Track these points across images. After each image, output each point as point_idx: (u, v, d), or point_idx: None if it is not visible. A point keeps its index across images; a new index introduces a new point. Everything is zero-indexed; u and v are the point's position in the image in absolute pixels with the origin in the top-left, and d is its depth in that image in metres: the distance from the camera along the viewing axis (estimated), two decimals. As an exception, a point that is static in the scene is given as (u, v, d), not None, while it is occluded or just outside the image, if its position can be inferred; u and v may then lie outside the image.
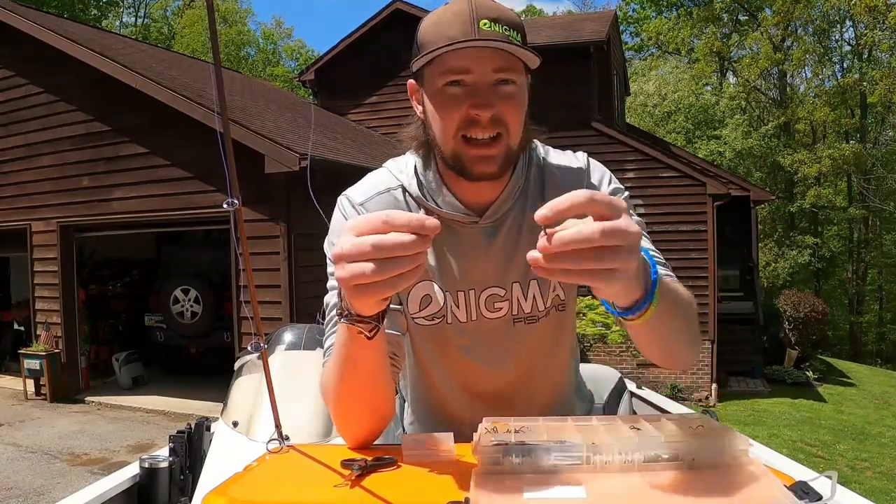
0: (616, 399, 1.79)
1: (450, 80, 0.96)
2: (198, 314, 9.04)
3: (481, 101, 0.94)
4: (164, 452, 2.14)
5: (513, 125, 0.98)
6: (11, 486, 5.35)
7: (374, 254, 0.67)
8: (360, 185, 1.13)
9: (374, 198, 1.09)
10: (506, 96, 0.96)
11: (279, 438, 1.01)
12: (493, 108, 0.95)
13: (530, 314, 1.12)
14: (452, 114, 0.96)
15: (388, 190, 1.10)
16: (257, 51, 31.17)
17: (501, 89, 0.96)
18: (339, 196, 1.12)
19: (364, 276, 0.68)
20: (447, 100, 0.97)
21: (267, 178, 6.66)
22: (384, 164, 1.16)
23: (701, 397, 9.92)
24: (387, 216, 0.69)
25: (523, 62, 0.98)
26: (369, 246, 0.68)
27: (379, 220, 0.69)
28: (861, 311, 22.85)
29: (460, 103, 0.96)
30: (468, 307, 1.11)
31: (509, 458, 0.70)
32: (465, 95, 0.96)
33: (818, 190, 20.78)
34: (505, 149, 0.98)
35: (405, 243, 0.68)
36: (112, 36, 12.13)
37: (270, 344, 2.36)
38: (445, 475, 0.80)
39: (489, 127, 0.96)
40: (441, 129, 0.99)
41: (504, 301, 1.11)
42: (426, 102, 1.01)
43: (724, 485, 0.67)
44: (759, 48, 22.00)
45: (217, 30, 0.97)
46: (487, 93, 0.95)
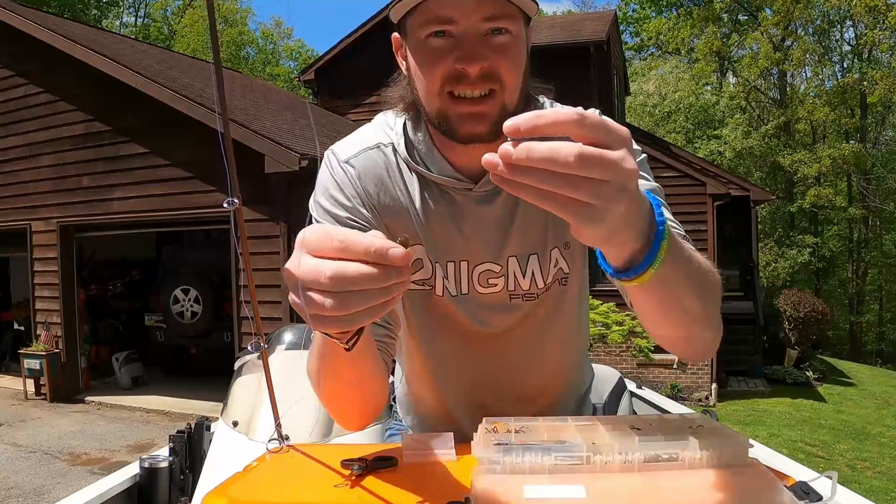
0: (616, 399, 1.79)
1: (433, 30, 0.85)
2: (198, 314, 9.04)
3: (468, 53, 0.83)
4: (164, 452, 2.14)
5: (508, 80, 0.86)
6: (11, 486, 5.35)
7: (332, 286, 0.55)
8: (350, 138, 1.03)
9: (360, 154, 0.99)
10: (499, 48, 0.85)
11: (279, 438, 1.01)
12: (484, 61, 0.84)
13: (529, 291, 1.03)
14: (436, 68, 0.85)
15: (377, 146, 1.00)
16: (257, 51, 31.17)
17: (493, 40, 0.85)
18: (327, 150, 1.02)
19: (322, 309, 0.56)
20: (430, 53, 0.86)
21: (267, 178, 6.67)
22: (378, 116, 1.05)
23: (701, 397, 9.92)
24: (343, 240, 0.56)
25: (520, 8, 0.88)
26: (328, 278, 0.55)
27: (335, 242, 0.56)
28: (861, 311, 22.84)
29: (445, 56, 0.85)
30: (459, 280, 1.02)
31: (509, 457, 0.70)
32: (450, 47, 0.85)
33: (818, 190, 20.78)
34: (499, 107, 0.86)
35: (371, 275, 0.55)
36: (112, 36, 12.14)
37: (270, 344, 2.36)
38: (445, 475, 0.80)
39: (479, 83, 0.85)
40: (424, 85, 0.89)
41: (499, 277, 1.02)
42: (409, 57, 0.91)
43: (724, 485, 0.67)
44: (759, 48, 22.00)
45: (217, 30, 0.97)
46: (476, 44, 0.84)
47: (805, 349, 11.92)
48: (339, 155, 0.99)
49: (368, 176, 0.98)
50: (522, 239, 0.99)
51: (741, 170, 20.86)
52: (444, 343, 1.08)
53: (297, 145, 7.09)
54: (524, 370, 1.10)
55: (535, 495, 0.65)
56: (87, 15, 23.15)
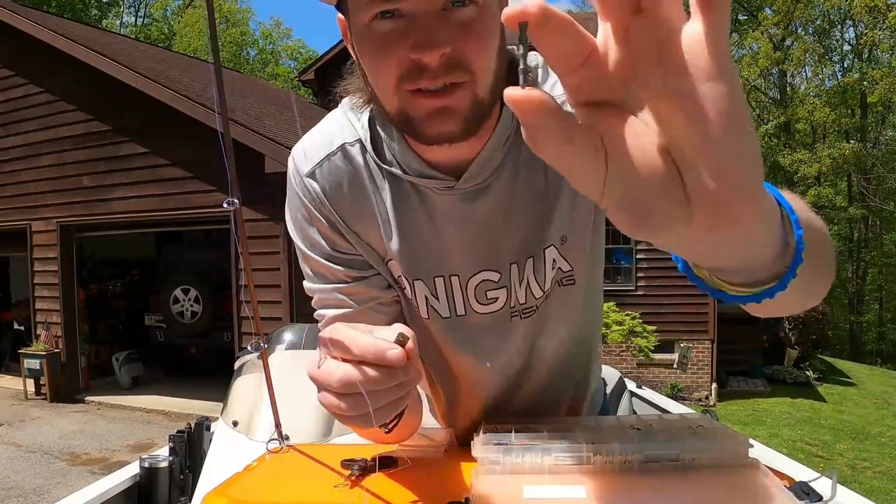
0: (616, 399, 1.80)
1: (378, 11, 0.67)
2: (198, 314, 9.04)
3: (424, 38, 0.65)
4: (164, 452, 2.14)
5: (479, 67, 0.68)
6: (11, 485, 5.34)
7: (342, 390, 0.57)
8: (312, 138, 0.87)
9: (323, 163, 0.84)
10: (462, 25, 0.66)
11: (279, 438, 1.01)
12: (444, 46, 0.66)
13: (526, 305, 0.88)
14: (388, 61, 0.68)
15: (341, 148, 0.84)
16: (258, 51, 31.18)
17: (455, 15, 0.66)
18: (290, 154, 0.89)
19: (340, 410, 0.58)
20: (378, 41, 0.68)
21: (267, 178, 6.66)
22: (342, 105, 0.87)
23: (701, 397, 9.92)
24: (344, 342, 0.57)
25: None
26: (335, 382, 0.57)
27: (339, 345, 0.57)
28: (861, 311, 22.86)
29: (397, 43, 0.67)
30: (452, 299, 0.87)
31: (509, 457, 0.70)
32: (402, 31, 0.67)
33: (818, 189, 20.79)
34: (470, 99, 0.69)
35: (375, 379, 0.56)
36: (112, 36, 12.14)
37: (270, 344, 2.36)
38: (445, 475, 0.80)
39: (442, 74, 0.67)
40: (377, 81, 0.71)
41: (499, 289, 0.87)
42: (355, 45, 0.73)
43: (724, 485, 0.67)
44: (759, 47, 22.01)
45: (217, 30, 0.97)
46: (432, 24, 0.66)
47: (805, 349, 11.91)
48: (300, 167, 0.85)
49: (334, 189, 0.85)
50: (519, 239, 0.85)
51: (741, 170, 20.84)
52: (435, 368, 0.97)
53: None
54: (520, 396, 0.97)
55: (535, 495, 0.65)
56: (87, 15, 23.15)
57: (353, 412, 0.57)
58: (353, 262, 0.87)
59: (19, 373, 8.55)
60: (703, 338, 10.12)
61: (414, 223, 0.85)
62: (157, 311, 9.41)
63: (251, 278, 1.03)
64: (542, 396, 0.97)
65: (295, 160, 0.86)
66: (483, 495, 0.65)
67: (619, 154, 0.34)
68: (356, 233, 0.86)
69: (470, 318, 0.88)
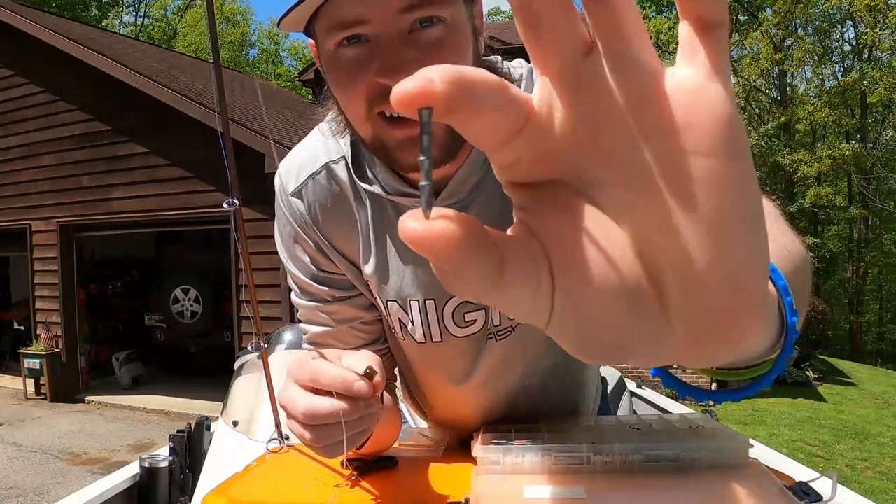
0: (616, 399, 1.80)
1: (342, 37, 0.66)
2: (198, 314, 9.04)
3: (390, 64, 0.63)
4: (164, 452, 2.14)
5: None
6: (11, 485, 5.34)
7: (307, 421, 0.59)
8: (295, 157, 0.87)
9: (308, 181, 0.84)
10: (430, 46, 0.64)
11: (279, 438, 1.01)
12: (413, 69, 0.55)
13: (501, 326, 0.85)
14: (355, 87, 0.66)
15: (325, 166, 0.83)
16: (260, 52, 31.19)
17: (421, 36, 0.64)
18: (277, 170, 0.88)
19: (305, 440, 0.61)
20: (345, 68, 0.67)
21: (267, 178, 6.66)
22: (321, 125, 0.86)
23: (701, 397, 9.91)
24: (312, 374, 0.59)
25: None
26: (301, 414, 0.59)
27: (307, 374, 0.60)
28: (861, 311, 22.85)
29: (363, 70, 0.65)
30: (427, 325, 0.85)
31: (509, 457, 0.70)
32: (368, 56, 0.65)
33: (818, 189, 20.78)
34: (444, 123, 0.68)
35: (340, 410, 0.58)
36: (112, 36, 12.13)
37: (270, 344, 2.36)
38: (445, 475, 0.80)
39: None
40: (348, 109, 0.71)
41: (479, 310, 0.83)
42: (324, 71, 0.72)
43: (724, 485, 0.67)
44: (760, 47, 22.01)
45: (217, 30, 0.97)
46: (398, 48, 0.64)
47: (805, 349, 11.91)
48: (286, 186, 0.85)
49: (319, 209, 0.84)
50: None
51: (741, 170, 20.86)
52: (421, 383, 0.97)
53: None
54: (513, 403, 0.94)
55: (535, 495, 0.65)
56: (87, 15, 23.14)
57: (318, 443, 0.60)
58: (336, 282, 0.87)
59: (19, 373, 8.54)
60: (703, 338, 10.11)
61: (391, 243, 0.82)
62: (157, 311, 9.41)
63: (251, 278, 1.03)
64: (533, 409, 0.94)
65: (282, 178, 0.86)
66: (483, 495, 0.65)
67: (569, 265, 0.24)
68: (340, 252, 0.85)
69: (445, 345, 0.86)
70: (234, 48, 28.23)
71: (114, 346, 9.54)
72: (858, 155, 20.27)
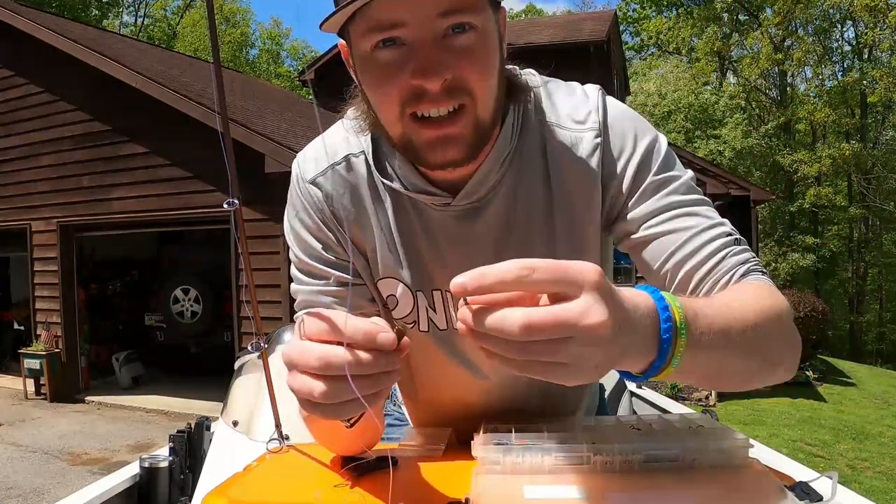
0: (616, 399, 1.80)
1: (379, 39, 0.69)
2: (198, 314, 9.04)
3: (425, 65, 0.67)
4: (164, 452, 2.14)
5: (479, 89, 0.70)
6: (11, 485, 5.34)
7: (321, 370, 0.53)
8: (315, 148, 0.90)
9: (327, 171, 0.87)
10: (462, 51, 0.68)
11: (279, 438, 1.01)
12: (446, 72, 0.68)
13: None
14: (390, 88, 0.70)
15: (345, 159, 0.87)
16: (259, 51, 31.19)
17: (455, 41, 0.68)
18: (294, 159, 0.92)
19: (311, 395, 0.54)
20: (380, 69, 0.70)
21: (267, 178, 6.67)
22: (344, 120, 0.90)
23: (701, 397, 9.92)
24: (335, 321, 0.54)
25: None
26: (316, 360, 0.53)
27: (322, 326, 0.55)
28: (861, 311, 22.86)
29: (399, 71, 0.69)
30: (447, 312, 0.88)
31: (509, 457, 0.70)
32: (403, 58, 0.69)
33: (818, 189, 20.79)
34: (473, 123, 0.72)
35: (360, 363, 0.53)
36: (112, 36, 12.14)
37: (270, 344, 2.35)
38: (445, 475, 0.80)
39: (444, 99, 0.69)
40: (381, 108, 0.74)
41: None
42: (358, 72, 0.76)
43: (724, 485, 0.67)
44: (761, 47, 22.02)
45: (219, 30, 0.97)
46: (433, 50, 0.68)
47: (805, 349, 11.87)
48: (305, 173, 0.88)
49: (337, 198, 0.87)
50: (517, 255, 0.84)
51: (741, 170, 20.88)
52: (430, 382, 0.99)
53: (298, 145, 7.09)
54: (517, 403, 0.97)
55: (535, 495, 0.65)
56: (87, 15, 23.14)
57: (329, 399, 0.53)
58: (342, 266, 0.88)
59: (19, 373, 8.54)
60: (703, 338, 10.10)
61: (412, 237, 0.85)
62: (157, 311, 9.41)
63: (251, 278, 1.03)
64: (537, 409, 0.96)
65: (300, 166, 0.89)
66: (483, 495, 0.65)
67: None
68: (352, 240, 0.87)
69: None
70: (233, 48, 28.24)
71: (114, 346, 9.54)
72: (858, 155, 20.28)
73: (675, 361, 0.56)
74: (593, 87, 0.86)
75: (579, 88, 0.86)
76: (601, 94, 0.85)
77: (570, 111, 0.83)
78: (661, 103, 22.25)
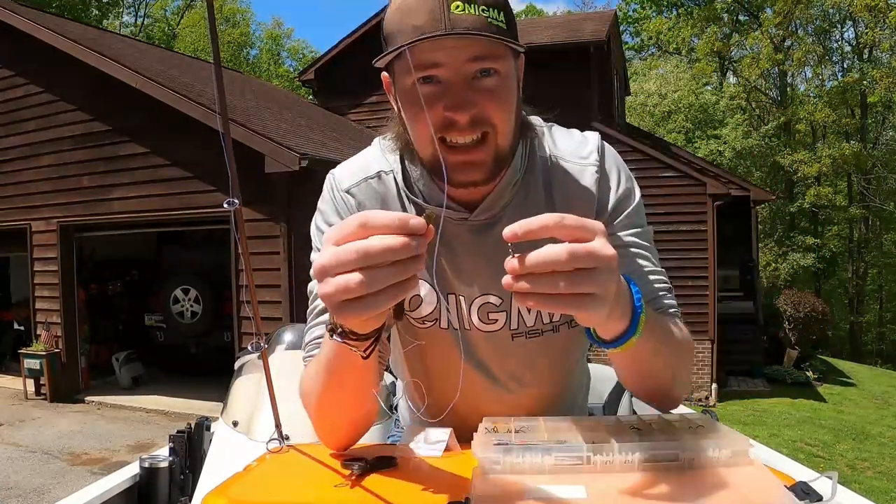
0: (616, 399, 1.80)
1: (419, 76, 0.82)
2: (198, 314, 9.03)
3: (457, 101, 0.82)
4: (164, 452, 2.13)
5: (500, 123, 0.85)
6: (11, 485, 5.35)
7: (359, 262, 0.58)
8: (350, 164, 1.03)
9: (361, 184, 0.99)
10: (488, 91, 0.83)
11: (279, 438, 1.01)
12: (473, 108, 0.82)
13: (533, 327, 1.01)
14: (426, 117, 0.82)
15: (377, 175, 0.99)
16: (260, 52, 31.18)
17: (482, 83, 0.83)
18: (329, 173, 1.03)
19: (349, 290, 0.59)
20: (419, 101, 0.82)
21: (267, 178, 6.67)
22: (377, 138, 1.05)
23: (701, 397, 9.92)
24: (364, 218, 0.60)
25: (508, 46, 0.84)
26: (353, 253, 0.58)
27: (355, 224, 0.60)
28: (861, 311, 22.86)
29: (434, 104, 0.83)
30: (459, 314, 1.00)
31: (509, 457, 0.70)
32: (439, 94, 0.83)
33: (818, 190, 20.78)
34: (493, 151, 0.86)
35: (395, 247, 0.58)
36: (112, 36, 12.14)
37: (270, 344, 2.36)
38: (446, 475, 0.80)
39: (469, 129, 0.84)
40: (416, 133, 0.88)
41: (500, 312, 0.99)
42: (399, 102, 0.90)
43: (724, 485, 0.67)
44: (761, 48, 22.01)
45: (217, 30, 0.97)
46: (463, 90, 0.82)
47: (805, 349, 11.91)
48: (340, 183, 1.00)
49: (369, 206, 0.98)
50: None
51: (741, 170, 20.88)
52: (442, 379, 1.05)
53: (297, 145, 7.09)
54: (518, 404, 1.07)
55: (536, 495, 0.65)
56: (87, 15, 23.14)
57: (367, 288, 0.59)
58: None
59: (19, 373, 8.54)
60: (703, 338, 10.11)
61: (431, 246, 0.89)
62: (157, 311, 9.40)
63: (251, 278, 1.03)
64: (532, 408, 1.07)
65: (335, 177, 1.02)
66: (483, 495, 0.65)
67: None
68: None
69: (472, 334, 1.01)
70: (233, 48, 28.24)
71: (114, 346, 9.54)
72: (858, 155, 20.27)
73: (639, 331, 0.73)
74: (593, 133, 1.02)
75: (578, 133, 1.02)
76: (600, 138, 1.01)
77: (573, 149, 0.99)
78: (662, 103, 22.25)
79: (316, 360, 0.86)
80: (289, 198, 6.87)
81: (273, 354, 2.26)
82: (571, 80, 10.42)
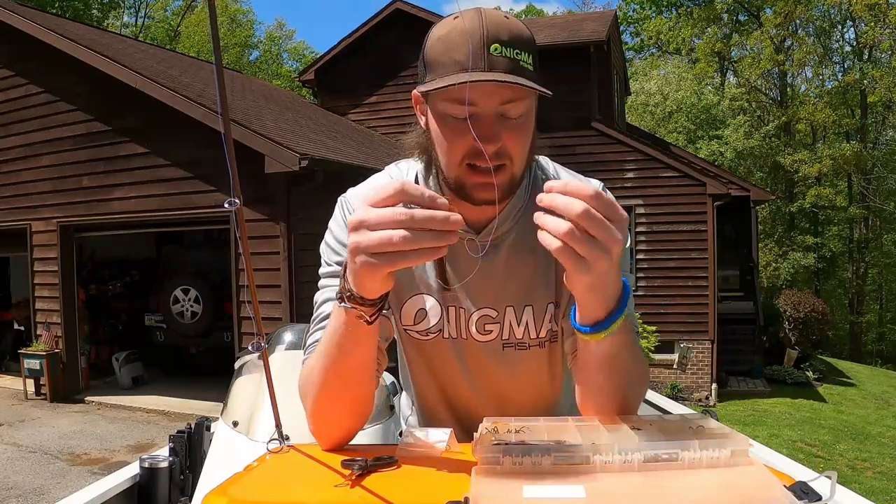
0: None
1: (457, 109, 0.92)
2: (198, 314, 9.03)
3: (487, 134, 0.91)
4: (164, 452, 2.14)
5: (517, 156, 0.96)
6: (11, 486, 5.35)
7: (407, 223, 0.70)
8: (362, 187, 1.11)
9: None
10: (512, 128, 0.93)
11: (279, 438, 1.01)
12: (499, 142, 0.92)
13: (521, 340, 1.10)
14: (458, 143, 0.93)
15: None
16: (262, 53, 31.17)
17: (508, 120, 0.93)
18: (340, 196, 1.10)
19: (391, 244, 0.71)
20: (453, 128, 0.93)
21: (267, 178, 6.66)
22: (387, 167, 1.14)
23: (701, 397, 9.92)
24: (402, 185, 0.72)
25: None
26: (402, 214, 0.71)
27: (393, 189, 0.72)
28: (861, 311, 22.86)
29: (466, 133, 0.91)
30: (458, 325, 1.09)
31: (509, 457, 0.70)
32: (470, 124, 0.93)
33: (818, 190, 20.79)
34: (509, 178, 0.96)
35: (438, 218, 0.71)
36: (112, 36, 12.14)
37: (270, 344, 2.35)
38: (445, 475, 0.80)
39: (494, 158, 0.93)
40: (446, 155, 0.97)
41: (495, 324, 1.09)
42: (431, 122, 0.98)
43: (724, 485, 0.67)
44: (762, 48, 22.01)
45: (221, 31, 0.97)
46: (493, 125, 0.92)
47: (805, 349, 11.92)
48: (353, 205, 1.08)
49: None
50: (519, 289, 1.07)
51: (741, 170, 20.87)
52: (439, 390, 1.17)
53: (297, 145, 7.09)
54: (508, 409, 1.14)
55: (535, 495, 0.65)
56: (87, 15, 23.13)
57: (409, 244, 0.71)
58: None
59: (19, 373, 8.54)
60: (703, 338, 10.12)
61: (448, 263, 1.06)
62: (157, 311, 9.39)
63: (251, 278, 1.03)
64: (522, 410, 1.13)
65: (347, 200, 1.10)
66: (483, 495, 0.65)
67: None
68: None
69: (469, 344, 1.10)
70: (236, 50, 28.23)
71: (114, 346, 9.54)
72: (858, 155, 20.27)
73: (616, 325, 0.80)
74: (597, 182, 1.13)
75: (580, 175, 1.14)
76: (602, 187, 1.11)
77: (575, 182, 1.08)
78: (664, 103, 22.24)
79: (320, 342, 0.93)
80: (289, 198, 6.87)
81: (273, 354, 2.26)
82: (571, 81, 10.41)
